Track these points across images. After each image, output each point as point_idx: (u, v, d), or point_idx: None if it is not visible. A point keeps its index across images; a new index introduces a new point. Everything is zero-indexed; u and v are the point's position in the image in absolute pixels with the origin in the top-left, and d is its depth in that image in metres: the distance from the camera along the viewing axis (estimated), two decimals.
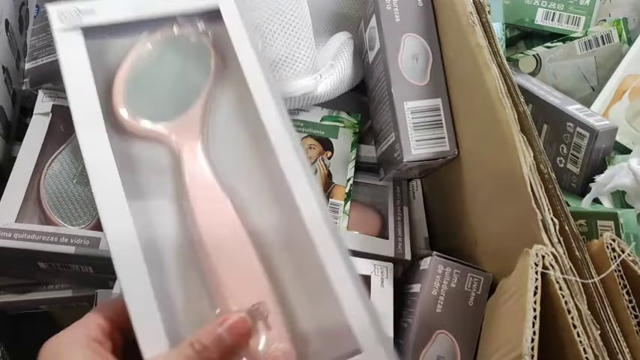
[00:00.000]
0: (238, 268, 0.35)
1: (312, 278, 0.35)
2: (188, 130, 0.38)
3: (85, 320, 0.34)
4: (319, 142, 0.59)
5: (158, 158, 0.38)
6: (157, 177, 0.38)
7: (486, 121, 0.45)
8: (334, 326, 0.34)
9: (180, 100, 0.39)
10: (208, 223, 0.36)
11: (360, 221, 0.57)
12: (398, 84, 0.52)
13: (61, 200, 0.51)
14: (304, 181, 0.37)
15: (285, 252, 0.37)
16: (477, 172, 0.49)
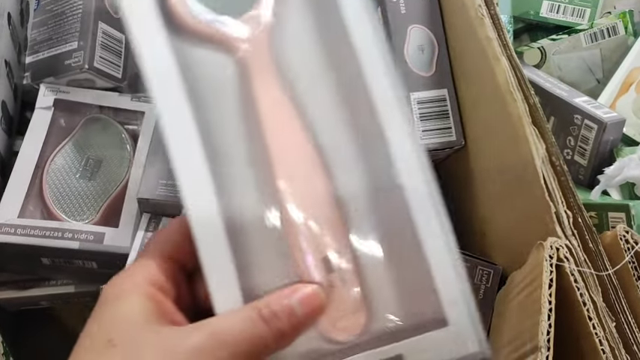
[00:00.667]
0: (313, 212, 0.29)
1: (396, 231, 0.29)
2: (256, 32, 0.31)
3: (146, 259, 0.29)
4: None
5: (219, 66, 0.32)
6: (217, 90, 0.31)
7: (496, 114, 0.45)
8: (417, 291, 0.29)
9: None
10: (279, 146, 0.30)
11: None
12: (404, 75, 0.52)
13: (65, 195, 0.51)
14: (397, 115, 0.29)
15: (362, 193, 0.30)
16: (485, 164, 0.49)
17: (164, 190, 0.48)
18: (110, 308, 0.27)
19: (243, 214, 0.29)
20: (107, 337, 0.25)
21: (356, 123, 0.31)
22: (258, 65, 0.31)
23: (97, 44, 0.54)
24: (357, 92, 0.30)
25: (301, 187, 0.30)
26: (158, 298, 0.27)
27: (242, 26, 0.31)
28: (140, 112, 0.56)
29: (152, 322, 0.26)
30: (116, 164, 0.53)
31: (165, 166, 0.49)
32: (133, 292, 0.27)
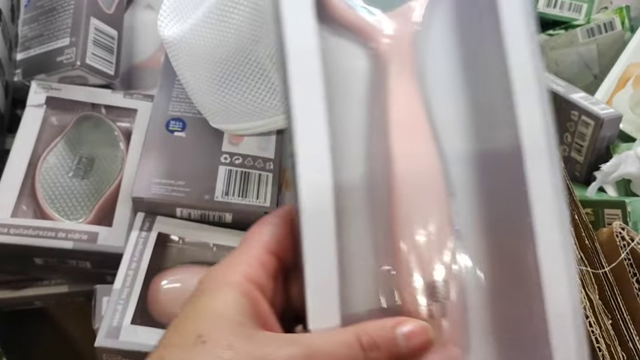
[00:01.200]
0: (424, 234, 0.28)
1: (513, 258, 0.28)
2: (402, 29, 0.30)
3: (247, 250, 0.27)
4: None
5: (354, 56, 0.31)
6: (346, 79, 0.30)
7: None
8: (524, 325, 0.27)
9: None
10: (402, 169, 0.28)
11: None
12: None
13: (58, 194, 0.50)
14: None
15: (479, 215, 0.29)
16: None
17: (158, 189, 0.48)
18: (203, 301, 0.25)
19: (352, 221, 0.28)
20: (197, 332, 0.24)
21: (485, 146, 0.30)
22: (396, 62, 0.30)
23: (88, 41, 0.53)
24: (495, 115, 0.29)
25: (417, 203, 0.28)
26: (254, 296, 0.26)
27: (389, 21, 0.30)
28: (133, 109, 0.55)
29: (245, 324, 0.25)
30: (109, 162, 0.53)
31: (159, 164, 0.49)
32: (229, 286, 0.26)
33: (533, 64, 0.28)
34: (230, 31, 0.46)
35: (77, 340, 0.58)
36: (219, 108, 0.50)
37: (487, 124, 0.30)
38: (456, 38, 0.31)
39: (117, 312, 0.43)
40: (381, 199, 0.28)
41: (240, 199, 0.49)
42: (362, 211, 0.29)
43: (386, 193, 0.28)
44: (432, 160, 0.28)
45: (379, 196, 0.28)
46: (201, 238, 0.49)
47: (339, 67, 0.30)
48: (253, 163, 0.51)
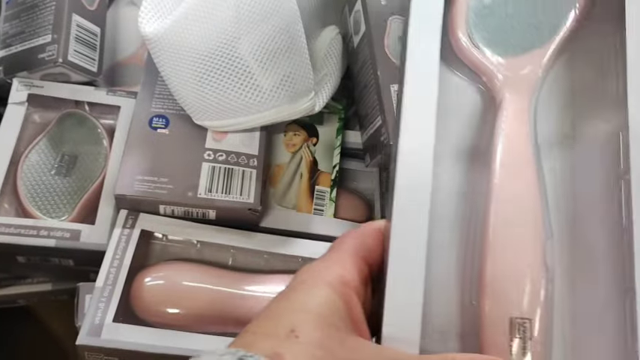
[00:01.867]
0: (516, 270, 0.28)
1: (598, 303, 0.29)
2: (523, 76, 0.31)
3: (342, 255, 0.28)
4: (304, 128, 0.58)
5: (467, 92, 0.32)
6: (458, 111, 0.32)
7: None
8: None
9: (527, 36, 0.32)
10: (503, 202, 0.29)
11: (347, 208, 0.56)
12: (384, 66, 0.51)
13: (40, 192, 0.50)
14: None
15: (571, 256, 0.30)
16: None
17: (141, 186, 0.47)
18: (299, 295, 0.26)
19: (442, 250, 0.29)
20: (291, 325, 0.24)
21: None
22: (511, 105, 0.30)
23: (71, 37, 0.53)
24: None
25: (513, 243, 0.29)
26: (349, 300, 0.26)
27: (510, 65, 0.31)
28: (116, 106, 0.55)
29: (339, 327, 0.25)
30: (92, 160, 0.52)
31: (142, 161, 0.48)
32: (326, 285, 0.26)
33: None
34: (212, 28, 0.46)
35: (61, 338, 0.57)
36: (202, 104, 0.49)
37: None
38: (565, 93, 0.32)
39: (99, 310, 0.42)
40: (475, 234, 0.29)
41: (224, 196, 0.49)
42: (453, 242, 0.29)
43: (481, 229, 0.29)
44: (533, 203, 0.29)
45: (473, 230, 0.29)
46: (185, 235, 0.49)
47: (451, 99, 0.31)
48: (237, 160, 0.50)
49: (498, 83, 0.31)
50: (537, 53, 0.31)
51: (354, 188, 0.59)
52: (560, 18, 0.32)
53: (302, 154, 0.56)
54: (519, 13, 0.32)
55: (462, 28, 0.32)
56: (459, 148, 0.31)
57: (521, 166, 0.30)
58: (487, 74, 0.32)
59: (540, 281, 0.28)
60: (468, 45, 0.32)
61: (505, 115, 0.30)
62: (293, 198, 0.54)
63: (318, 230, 0.52)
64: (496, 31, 0.32)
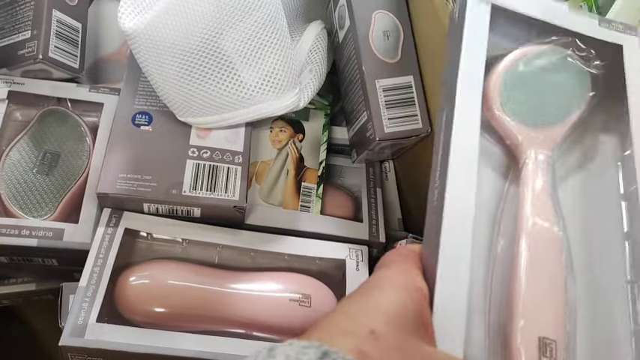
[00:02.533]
0: (543, 297, 0.33)
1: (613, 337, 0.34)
2: (544, 143, 0.37)
3: (410, 266, 0.30)
4: (290, 124, 0.57)
5: (495, 152, 0.38)
6: (487, 166, 0.38)
7: None
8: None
9: (547, 112, 0.38)
10: (530, 241, 0.34)
11: (334, 204, 0.56)
12: (369, 62, 0.51)
13: (21, 191, 0.49)
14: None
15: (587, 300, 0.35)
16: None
17: (124, 184, 0.47)
18: (376, 297, 0.27)
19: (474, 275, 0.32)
20: (370, 326, 0.25)
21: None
22: (532, 180, 0.36)
23: (51, 33, 0.52)
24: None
25: (539, 277, 0.33)
26: (422, 305, 0.27)
27: (537, 135, 0.37)
28: (99, 103, 0.54)
29: (413, 331, 0.26)
30: (75, 158, 0.52)
31: (125, 159, 0.48)
32: (402, 290, 0.27)
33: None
34: (193, 23, 0.45)
35: (46, 339, 0.57)
36: (186, 101, 0.49)
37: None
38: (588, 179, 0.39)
39: (82, 310, 0.42)
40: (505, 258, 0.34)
41: (209, 193, 0.48)
42: (486, 265, 0.34)
43: (511, 256, 0.34)
44: (556, 243, 0.34)
45: (504, 255, 0.34)
46: (170, 234, 0.49)
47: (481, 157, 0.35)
48: (222, 157, 0.50)
49: (521, 146, 0.37)
50: (555, 129, 0.38)
51: (341, 184, 0.59)
52: (573, 104, 0.38)
53: (288, 150, 0.56)
54: (543, 93, 0.38)
55: (497, 100, 0.38)
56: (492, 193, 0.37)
57: (545, 213, 0.35)
58: (512, 139, 0.37)
59: (564, 309, 0.32)
60: (500, 114, 0.38)
61: (531, 171, 0.36)
62: (279, 195, 0.54)
63: (305, 227, 0.52)
64: (523, 104, 0.38)
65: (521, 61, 0.39)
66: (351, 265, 0.50)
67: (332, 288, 0.49)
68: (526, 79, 0.38)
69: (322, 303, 0.47)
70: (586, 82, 0.39)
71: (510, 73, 0.38)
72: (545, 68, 0.39)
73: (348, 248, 0.51)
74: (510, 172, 0.38)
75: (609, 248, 0.36)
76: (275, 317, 0.46)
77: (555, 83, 0.39)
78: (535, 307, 0.32)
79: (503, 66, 0.39)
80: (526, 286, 0.32)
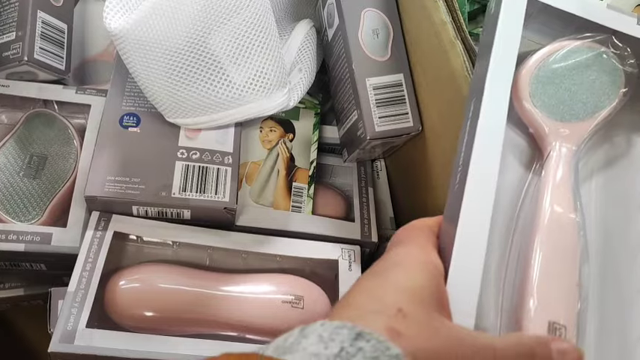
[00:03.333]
0: (556, 282, 0.33)
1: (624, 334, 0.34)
2: (570, 137, 0.38)
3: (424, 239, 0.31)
4: (280, 124, 0.57)
5: (522, 143, 0.39)
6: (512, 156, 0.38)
7: (452, 98, 0.44)
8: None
9: (576, 107, 0.38)
10: (547, 227, 0.34)
11: (325, 204, 0.55)
12: (359, 60, 0.51)
13: (7, 195, 0.48)
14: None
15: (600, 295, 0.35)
16: (442, 149, 0.48)
17: (112, 187, 0.46)
18: (398, 276, 0.28)
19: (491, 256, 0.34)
20: (397, 304, 0.25)
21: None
22: (554, 170, 0.36)
23: (36, 35, 0.51)
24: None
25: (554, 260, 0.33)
26: (440, 283, 0.28)
27: (563, 129, 0.38)
28: (86, 105, 0.53)
29: (436, 308, 0.27)
30: (62, 161, 0.51)
31: (113, 162, 0.47)
32: (423, 268, 0.28)
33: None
34: (180, 23, 0.44)
35: (36, 344, 0.56)
36: (174, 102, 0.48)
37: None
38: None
39: (71, 315, 0.41)
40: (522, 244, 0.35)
41: (198, 195, 0.48)
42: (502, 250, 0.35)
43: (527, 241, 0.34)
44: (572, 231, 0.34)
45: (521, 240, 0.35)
46: (160, 236, 0.48)
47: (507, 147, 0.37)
48: (211, 158, 0.49)
49: (547, 139, 0.38)
50: (583, 124, 0.38)
51: (332, 184, 0.59)
52: (603, 102, 0.38)
53: (278, 150, 0.55)
54: (573, 88, 0.38)
55: (526, 91, 0.38)
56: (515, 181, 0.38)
57: (564, 202, 0.35)
58: (538, 130, 0.38)
59: (576, 295, 0.33)
60: (529, 105, 0.38)
61: (553, 162, 0.37)
62: (270, 195, 0.53)
63: (297, 228, 0.52)
64: (552, 97, 0.38)
65: (554, 55, 0.39)
66: (344, 266, 0.50)
67: (324, 288, 0.49)
68: (557, 73, 0.39)
69: (315, 304, 0.47)
70: (619, 79, 0.39)
71: (542, 65, 0.39)
72: (578, 64, 0.39)
73: (340, 248, 0.51)
74: (535, 162, 0.38)
75: (629, 247, 0.37)
76: (267, 319, 0.46)
77: (587, 79, 0.39)
78: (547, 292, 0.32)
79: (536, 59, 0.39)
80: (539, 270, 0.33)
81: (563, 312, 0.32)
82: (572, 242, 0.34)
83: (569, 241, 0.34)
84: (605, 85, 0.39)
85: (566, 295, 0.33)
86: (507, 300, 0.34)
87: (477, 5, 0.67)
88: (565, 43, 0.40)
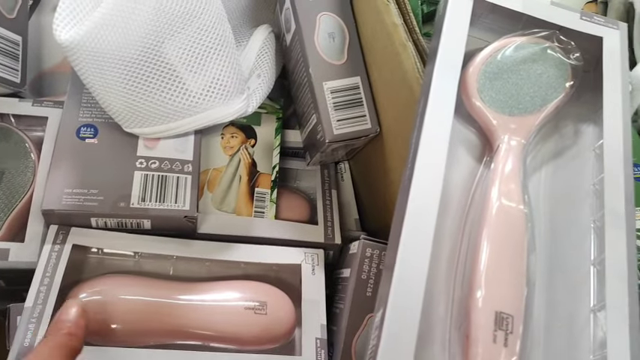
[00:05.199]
0: (504, 273, 0.34)
1: (573, 318, 0.35)
2: (518, 130, 0.39)
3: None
4: (241, 130, 0.57)
5: (472, 138, 0.40)
6: (464, 150, 0.39)
7: (406, 99, 0.45)
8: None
9: (524, 101, 0.39)
10: (494, 219, 0.35)
11: (289, 208, 0.55)
12: (316, 64, 0.51)
13: None
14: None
15: (549, 282, 0.36)
16: (399, 149, 0.48)
17: (70, 200, 0.46)
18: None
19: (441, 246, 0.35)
20: None
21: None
22: (503, 163, 0.37)
23: None
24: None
25: (501, 250, 0.34)
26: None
27: (512, 123, 0.39)
28: (43, 117, 0.53)
29: None
30: (19, 175, 0.50)
31: (70, 174, 0.47)
32: None
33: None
34: (133, 32, 0.44)
35: None
36: (131, 112, 0.48)
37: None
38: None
39: (29, 331, 0.41)
40: (472, 234, 0.36)
41: (158, 204, 0.47)
42: (454, 242, 0.36)
43: (476, 233, 0.35)
44: (520, 222, 0.35)
45: (471, 231, 0.36)
46: (121, 247, 0.48)
47: (455, 141, 0.38)
48: (171, 166, 0.49)
49: (496, 132, 0.39)
50: (530, 118, 0.39)
51: (297, 188, 0.59)
52: (550, 95, 0.40)
53: (240, 156, 0.55)
54: (520, 82, 0.40)
55: (474, 87, 0.39)
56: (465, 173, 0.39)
57: (512, 193, 0.36)
58: (487, 125, 0.39)
59: (523, 286, 0.34)
60: (478, 102, 0.39)
61: (502, 155, 0.38)
62: (232, 202, 0.53)
63: (260, 233, 0.52)
64: (500, 92, 0.39)
65: (501, 51, 0.40)
66: (307, 270, 0.50)
67: (289, 293, 0.49)
68: (504, 69, 0.40)
69: (278, 309, 0.47)
70: (565, 73, 0.40)
71: (489, 62, 0.40)
72: (524, 59, 0.40)
73: (303, 253, 0.51)
74: (485, 156, 0.39)
75: (577, 232, 0.37)
76: (230, 326, 0.45)
77: (534, 74, 0.40)
78: (494, 283, 0.33)
79: (483, 55, 0.40)
80: (487, 261, 0.34)
81: (509, 302, 0.33)
82: (520, 233, 0.35)
83: (517, 233, 0.35)
84: (551, 78, 0.40)
85: (513, 286, 0.34)
86: (458, 291, 0.34)
87: (433, 7, 0.67)
88: (511, 39, 0.41)
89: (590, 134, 0.41)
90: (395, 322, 0.30)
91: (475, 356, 0.32)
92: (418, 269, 0.32)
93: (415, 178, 0.34)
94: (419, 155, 0.34)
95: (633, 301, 0.33)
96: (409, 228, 0.32)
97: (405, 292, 0.31)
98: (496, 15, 0.42)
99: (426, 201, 0.33)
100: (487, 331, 0.32)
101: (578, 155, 0.40)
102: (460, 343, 0.33)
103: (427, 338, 0.33)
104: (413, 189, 0.33)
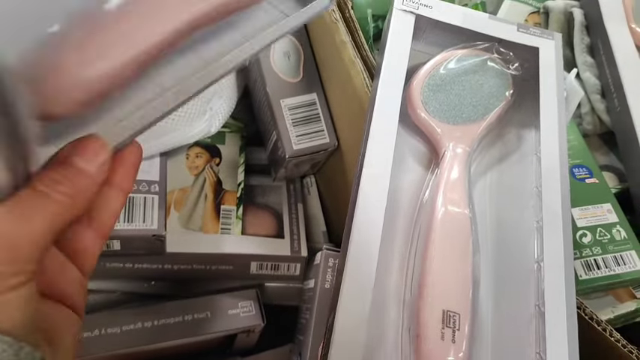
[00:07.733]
0: (450, 274, 0.36)
1: (519, 314, 0.36)
2: (462, 138, 0.40)
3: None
4: (206, 149, 0.58)
5: (420, 147, 0.42)
6: (412, 159, 0.42)
7: (357, 113, 0.47)
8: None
9: (467, 110, 0.41)
10: (441, 223, 0.37)
11: (256, 224, 0.57)
12: (272, 83, 0.53)
13: None
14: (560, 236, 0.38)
15: (496, 281, 0.38)
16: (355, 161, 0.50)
17: None
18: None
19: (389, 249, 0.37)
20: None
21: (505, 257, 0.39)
22: (448, 169, 0.39)
23: None
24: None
25: (448, 252, 0.36)
26: None
27: (456, 132, 0.41)
28: None
29: None
30: None
31: None
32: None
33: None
34: None
35: None
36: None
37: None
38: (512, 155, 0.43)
39: None
40: (420, 239, 0.38)
41: (127, 225, 0.49)
42: (405, 246, 0.38)
43: (424, 237, 0.37)
44: (464, 224, 0.37)
45: (420, 235, 0.38)
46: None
47: (404, 151, 0.41)
48: (137, 187, 0.51)
49: (441, 141, 0.41)
50: (473, 127, 0.41)
51: (265, 203, 0.60)
52: (492, 104, 0.42)
53: (205, 175, 0.57)
54: (463, 93, 0.42)
55: (418, 100, 0.41)
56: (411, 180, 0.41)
57: (457, 198, 0.38)
58: (432, 134, 0.41)
59: (469, 285, 0.35)
60: (422, 113, 0.41)
61: (447, 162, 0.40)
62: (199, 220, 0.55)
63: (227, 249, 0.53)
64: (443, 103, 0.41)
65: (443, 64, 0.42)
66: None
67: None
68: (447, 80, 0.42)
69: None
70: (505, 82, 0.43)
71: (432, 74, 0.42)
72: (465, 70, 0.42)
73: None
74: (432, 163, 0.41)
75: (522, 233, 0.39)
76: None
77: (475, 84, 0.42)
78: (441, 283, 0.35)
79: (426, 69, 0.42)
80: (434, 263, 0.36)
81: (456, 300, 0.35)
82: (465, 235, 0.37)
83: (462, 235, 0.37)
84: (492, 88, 0.42)
85: (459, 285, 0.35)
86: (408, 293, 0.36)
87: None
88: (453, 52, 0.43)
89: (532, 139, 0.43)
90: (344, 327, 0.32)
91: (424, 353, 0.33)
92: (366, 274, 0.33)
93: (362, 188, 0.36)
94: (365, 166, 0.36)
95: (570, 297, 0.35)
96: (357, 234, 0.34)
97: (354, 296, 0.33)
98: (439, 30, 0.44)
99: (372, 209, 0.35)
100: (435, 329, 0.34)
101: (522, 160, 0.43)
102: (411, 344, 0.35)
103: (380, 341, 0.35)
104: (360, 198, 0.35)
